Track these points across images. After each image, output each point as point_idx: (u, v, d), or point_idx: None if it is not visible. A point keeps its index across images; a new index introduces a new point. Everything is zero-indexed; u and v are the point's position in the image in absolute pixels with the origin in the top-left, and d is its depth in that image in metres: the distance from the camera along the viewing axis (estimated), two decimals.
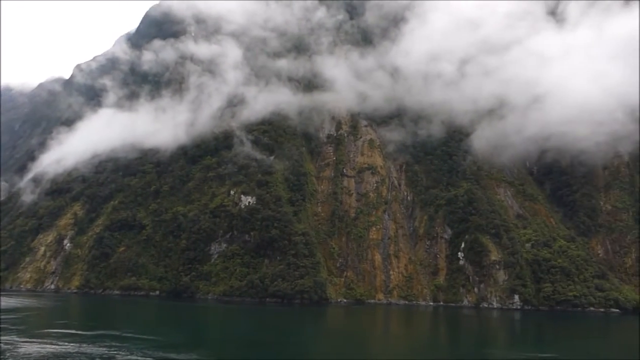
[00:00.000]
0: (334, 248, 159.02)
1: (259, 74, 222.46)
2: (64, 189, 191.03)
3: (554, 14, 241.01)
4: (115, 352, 60.33)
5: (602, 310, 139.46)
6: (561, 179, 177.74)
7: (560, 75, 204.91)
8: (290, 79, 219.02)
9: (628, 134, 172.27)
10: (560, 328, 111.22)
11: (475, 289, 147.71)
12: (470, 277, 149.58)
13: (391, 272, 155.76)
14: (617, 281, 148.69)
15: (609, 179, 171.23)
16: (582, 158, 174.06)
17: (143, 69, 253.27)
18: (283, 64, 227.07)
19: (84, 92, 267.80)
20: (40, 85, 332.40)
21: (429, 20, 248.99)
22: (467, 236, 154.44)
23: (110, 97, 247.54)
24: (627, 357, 75.58)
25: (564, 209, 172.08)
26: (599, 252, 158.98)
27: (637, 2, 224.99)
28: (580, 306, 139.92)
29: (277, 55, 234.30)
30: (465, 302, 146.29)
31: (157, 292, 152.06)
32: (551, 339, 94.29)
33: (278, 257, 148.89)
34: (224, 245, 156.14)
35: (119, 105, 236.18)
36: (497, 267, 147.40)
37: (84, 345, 64.08)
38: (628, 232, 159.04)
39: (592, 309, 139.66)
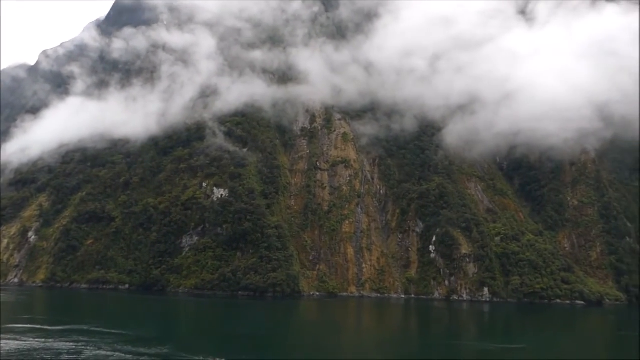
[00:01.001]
0: (306, 241, 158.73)
1: (232, 65, 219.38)
2: (28, 179, 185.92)
3: (524, 13, 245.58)
4: (83, 347, 58.96)
5: (568, 302, 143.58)
6: (530, 174, 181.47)
7: (530, 72, 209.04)
8: (264, 71, 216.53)
9: (595, 131, 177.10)
10: (528, 320, 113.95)
11: (446, 282, 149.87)
12: (441, 270, 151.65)
13: (363, 265, 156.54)
14: (583, 274, 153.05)
15: (576, 175, 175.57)
16: (551, 154, 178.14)
17: (113, 57, 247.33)
18: (257, 55, 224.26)
19: (50, 80, 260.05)
20: (4, 72, 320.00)
21: (401, 16, 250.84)
22: (438, 230, 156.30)
23: (79, 85, 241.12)
24: (591, 346, 77.95)
25: (532, 203, 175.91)
26: (566, 246, 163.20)
27: (604, 2, 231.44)
28: (547, 298, 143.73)
29: (251, 46, 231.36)
30: (436, 295, 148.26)
31: (127, 286, 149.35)
32: (520, 330, 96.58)
33: (250, 250, 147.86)
34: (195, 238, 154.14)
35: (87, 93, 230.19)
36: (468, 260, 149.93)
37: (51, 340, 62.47)
38: (593, 226, 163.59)
39: (558, 301, 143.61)
